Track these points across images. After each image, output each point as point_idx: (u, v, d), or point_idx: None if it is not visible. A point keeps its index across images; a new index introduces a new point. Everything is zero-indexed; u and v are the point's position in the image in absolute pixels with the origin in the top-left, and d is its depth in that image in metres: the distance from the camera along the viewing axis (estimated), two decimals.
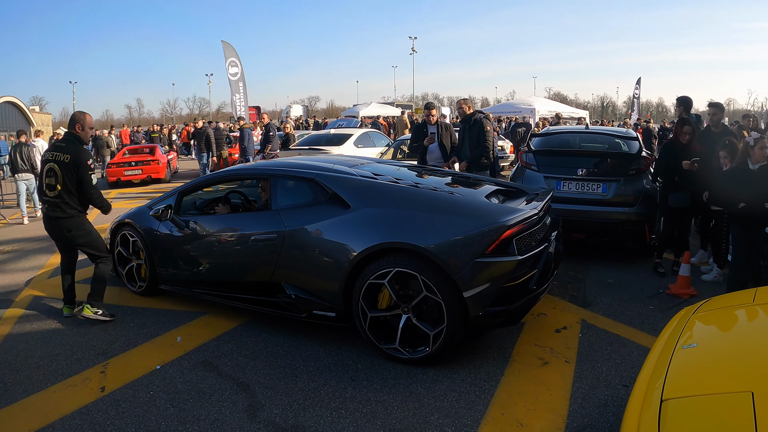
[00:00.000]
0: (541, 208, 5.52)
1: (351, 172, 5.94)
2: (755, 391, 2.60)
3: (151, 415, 4.43)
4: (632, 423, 2.78)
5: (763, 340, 3.39)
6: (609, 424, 4.24)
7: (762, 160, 6.19)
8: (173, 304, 6.87)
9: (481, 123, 9.20)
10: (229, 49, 18.83)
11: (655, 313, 6.52)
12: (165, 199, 6.96)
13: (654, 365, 3.30)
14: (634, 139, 9.60)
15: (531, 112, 32.51)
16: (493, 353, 5.42)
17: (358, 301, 5.21)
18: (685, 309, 4.14)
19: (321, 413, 4.41)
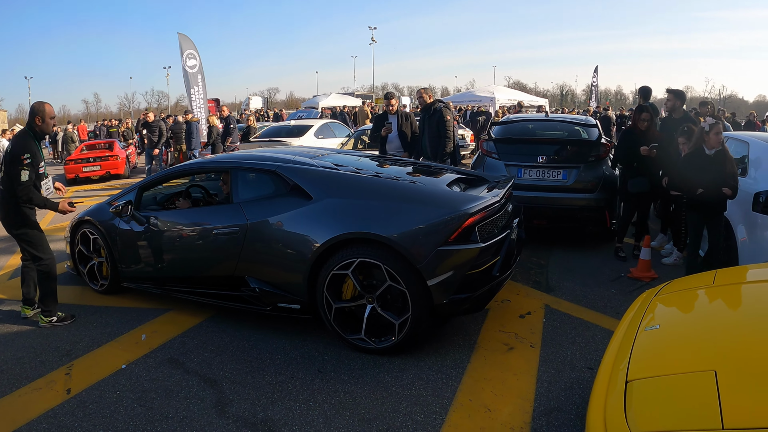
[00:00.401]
0: (503, 196, 5.54)
1: (312, 163, 5.91)
2: (718, 369, 2.64)
3: (119, 415, 4.36)
4: (598, 405, 2.81)
5: (723, 320, 3.46)
6: (576, 406, 4.29)
7: (717, 145, 6.28)
8: (137, 302, 6.77)
9: (441, 112, 9.21)
10: (186, 42, 18.58)
11: (618, 296, 6.61)
12: (125, 195, 6.84)
13: (618, 347, 3.35)
14: (594, 126, 9.71)
15: (491, 101, 32.63)
16: (459, 340, 5.45)
17: (322, 292, 5.19)
18: (646, 292, 4.20)
19: (289, 406, 4.39)
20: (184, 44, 18.55)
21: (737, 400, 2.44)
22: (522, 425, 4.08)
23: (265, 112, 41.78)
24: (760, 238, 6.46)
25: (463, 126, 22.44)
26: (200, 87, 18.98)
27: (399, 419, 4.18)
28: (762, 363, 2.73)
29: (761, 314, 3.44)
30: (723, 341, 3.08)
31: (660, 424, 2.46)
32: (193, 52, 18.67)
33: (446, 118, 9.16)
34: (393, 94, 10.33)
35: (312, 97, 55.89)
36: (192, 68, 18.67)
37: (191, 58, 18.64)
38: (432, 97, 9.76)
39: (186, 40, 18.61)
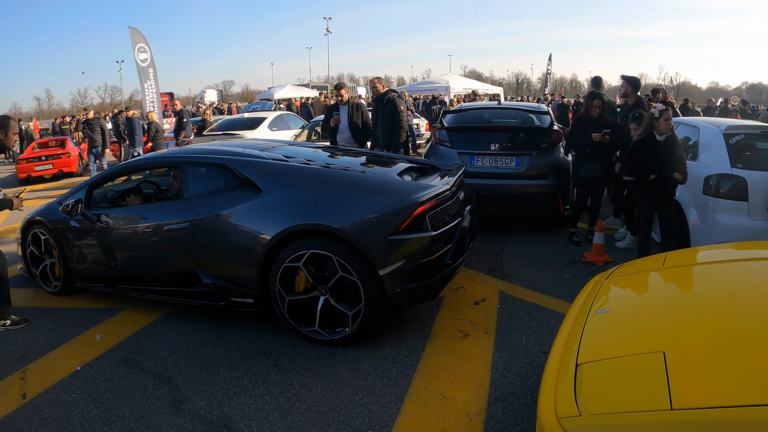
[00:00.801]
0: (453, 184, 5.56)
1: (262, 155, 5.86)
2: (666, 350, 2.68)
3: (75, 418, 4.29)
4: (549, 388, 2.83)
5: (672, 302, 3.51)
6: (530, 391, 4.32)
7: (667, 131, 6.37)
8: (91, 302, 6.65)
9: (394, 102, 9.21)
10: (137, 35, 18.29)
11: (572, 280, 6.69)
12: (75, 193, 6.68)
13: (569, 331, 3.37)
14: (546, 113, 9.76)
15: (446, 90, 32.71)
16: (414, 329, 5.47)
17: (274, 285, 5.16)
18: (598, 275, 4.25)
19: (245, 401, 4.36)
20: (135, 38, 18.28)
21: (685, 380, 2.47)
22: (478, 411, 4.11)
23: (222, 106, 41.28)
24: (711, 221, 6.62)
25: (418, 115, 22.48)
26: (152, 81, 18.73)
27: (355, 410, 4.18)
28: (710, 343, 2.78)
29: (710, 295, 3.51)
30: (672, 323, 3.11)
31: (610, 406, 2.48)
32: (144, 45, 18.40)
33: (399, 108, 9.17)
34: (343, 84, 10.30)
35: (267, 89, 55.53)
36: (143, 62, 18.42)
37: (142, 52, 18.38)
38: (385, 86, 9.75)
39: (136, 33, 18.34)
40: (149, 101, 18.63)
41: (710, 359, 2.62)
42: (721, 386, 2.40)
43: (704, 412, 2.26)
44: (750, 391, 2.33)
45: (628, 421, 2.37)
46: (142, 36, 18.44)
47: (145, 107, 18.61)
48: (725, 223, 6.50)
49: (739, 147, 6.89)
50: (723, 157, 6.77)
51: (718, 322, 3.00)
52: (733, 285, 3.57)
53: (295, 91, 46.06)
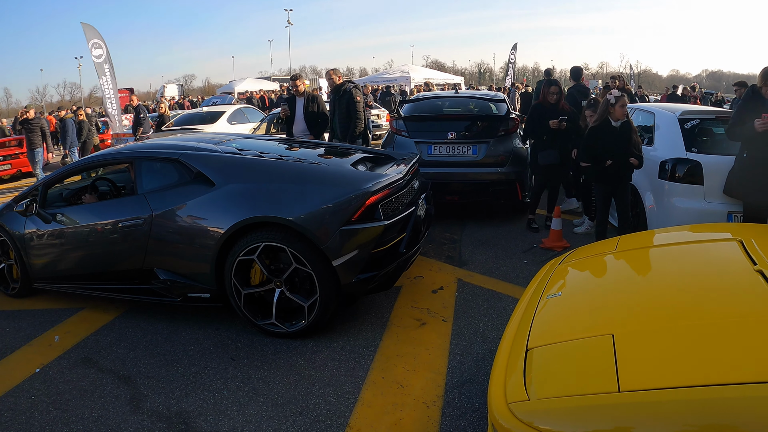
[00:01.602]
0: (407, 173, 5.59)
1: (215, 149, 5.83)
2: (615, 333, 2.71)
3: (35, 420, 4.24)
4: (500, 373, 2.84)
5: (623, 285, 3.54)
6: (488, 377, 4.25)
7: (622, 117, 6.46)
8: (49, 303, 6.57)
9: (350, 93, 9.20)
10: (91, 31, 17.98)
11: (530, 266, 6.76)
12: (29, 193, 6.62)
13: (521, 317, 3.39)
14: (502, 101, 9.81)
15: (406, 80, 32.76)
16: (371, 319, 5.50)
17: (230, 279, 5.15)
18: (551, 261, 4.31)
19: (203, 396, 4.36)
20: (89, 33, 17.97)
21: (633, 362, 2.50)
22: (435, 399, 4.15)
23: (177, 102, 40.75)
24: (667, 204, 6.75)
25: (378, 106, 22.46)
26: (108, 76, 18.45)
27: (312, 401, 4.19)
28: (658, 325, 2.80)
29: (660, 277, 3.56)
30: (622, 305, 3.15)
31: (558, 390, 2.50)
32: (99, 41, 18.11)
33: (356, 99, 9.15)
34: (299, 75, 10.24)
35: (228, 82, 55.13)
36: (98, 58, 18.13)
37: (97, 48, 18.08)
38: (341, 78, 9.72)
39: (90, 29, 18.03)
40: (107, 98, 18.36)
41: (659, 341, 2.64)
42: (669, 367, 2.42)
43: (651, 393, 2.27)
44: (696, 372, 2.35)
45: (576, 404, 2.38)
46: (96, 32, 18.14)
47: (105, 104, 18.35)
48: (681, 207, 6.62)
49: (694, 132, 7.02)
50: (678, 141, 6.89)
51: (668, 305, 3.03)
52: (684, 267, 3.61)
53: (256, 83, 45.79)
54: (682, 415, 2.21)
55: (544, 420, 2.42)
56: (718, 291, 3.11)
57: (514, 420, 2.46)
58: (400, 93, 24.93)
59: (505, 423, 2.50)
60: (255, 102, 26.90)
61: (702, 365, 2.40)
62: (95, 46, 18.06)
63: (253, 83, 45.81)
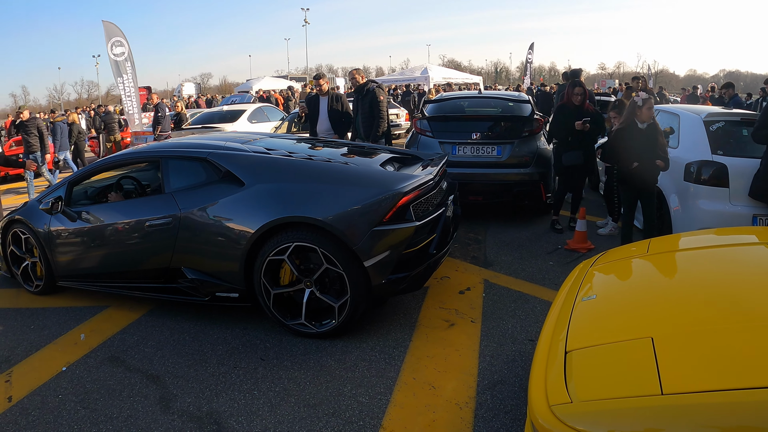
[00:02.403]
0: (436, 173, 5.56)
1: (243, 148, 5.83)
2: (654, 336, 2.70)
3: (63, 419, 4.23)
4: (539, 376, 2.83)
5: (658, 288, 3.54)
6: (518, 378, 4.35)
7: (649, 119, 6.44)
8: (73, 301, 6.58)
9: (374, 93, 9.19)
10: (112, 29, 18.02)
11: (555, 268, 6.73)
12: (54, 191, 6.61)
13: (556, 319, 3.38)
14: (526, 102, 9.78)
15: (425, 80, 32.74)
16: (400, 319, 5.48)
17: (259, 279, 5.14)
18: (583, 263, 4.27)
19: (234, 397, 4.34)
20: (110, 32, 18.01)
21: (674, 365, 2.49)
22: (467, 400, 4.12)
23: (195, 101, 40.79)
24: (692, 207, 6.71)
25: (397, 105, 22.45)
26: (130, 75, 18.49)
27: (344, 402, 4.18)
28: (696, 328, 2.80)
29: (694, 281, 3.53)
30: (658, 309, 3.13)
31: (600, 392, 2.50)
32: (121, 39, 18.15)
33: (379, 99, 9.14)
34: (322, 74, 10.26)
35: (245, 81, 55.23)
36: (119, 56, 18.16)
37: (118, 46, 18.12)
38: (364, 77, 9.71)
39: (111, 27, 18.07)
40: (126, 96, 18.41)
41: (697, 344, 2.64)
42: (710, 370, 2.42)
43: (694, 396, 2.28)
44: (739, 375, 2.35)
45: (619, 406, 2.38)
46: (118, 29, 18.18)
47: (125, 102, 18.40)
48: (706, 209, 6.58)
49: (719, 134, 6.99)
50: (703, 144, 6.85)
51: (703, 308, 3.02)
52: (717, 271, 3.60)
53: (273, 82, 45.84)
54: (726, 417, 2.22)
55: (588, 422, 2.41)
56: (753, 294, 3.09)
57: (557, 422, 2.46)
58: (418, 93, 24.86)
59: (548, 425, 2.49)
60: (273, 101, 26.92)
61: (744, 368, 2.40)
62: (116, 44, 18.09)
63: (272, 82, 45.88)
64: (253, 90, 38.46)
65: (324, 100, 9.68)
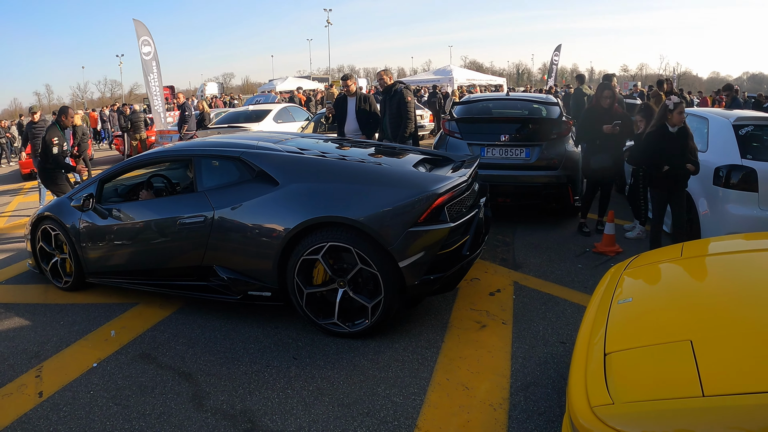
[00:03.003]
0: (470, 175, 5.57)
1: (276, 148, 5.85)
2: (693, 339, 2.72)
3: (95, 415, 4.27)
4: (579, 378, 2.86)
5: (694, 292, 3.56)
6: (551, 380, 4.35)
7: (680, 123, 6.41)
8: (102, 297, 6.63)
9: (401, 93, 9.19)
10: (141, 28, 18.19)
11: (584, 271, 6.71)
12: (85, 188, 6.67)
13: (592, 321, 3.40)
14: (555, 104, 9.76)
15: (449, 81, 32.71)
16: (431, 320, 5.48)
17: (293, 278, 5.16)
18: (615, 266, 4.28)
19: (268, 395, 4.36)
20: (139, 30, 18.20)
21: (715, 368, 2.52)
22: (501, 401, 4.13)
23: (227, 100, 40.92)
24: (721, 211, 6.68)
25: (422, 106, 22.45)
26: (155, 74, 18.66)
27: (379, 402, 4.19)
28: (734, 331, 2.83)
29: (730, 284, 3.54)
30: (696, 312, 3.16)
31: (642, 394, 2.52)
32: (148, 38, 18.34)
33: (407, 100, 9.14)
34: (350, 75, 10.26)
35: (268, 81, 55.45)
36: (147, 55, 18.35)
37: (146, 45, 18.30)
38: (392, 78, 9.72)
39: (141, 26, 18.26)
40: (154, 95, 18.56)
41: (737, 346, 2.67)
42: (751, 372, 2.45)
43: (736, 398, 2.30)
44: None
45: (661, 408, 2.41)
46: (146, 29, 18.37)
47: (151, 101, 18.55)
48: (735, 214, 6.56)
49: (748, 138, 6.95)
50: (733, 148, 6.82)
51: (740, 311, 3.05)
52: (753, 275, 3.61)
53: (297, 82, 45.95)
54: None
55: (630, 423, 2.45)
56: None
57: (599, 423, 2.49)
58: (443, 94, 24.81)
59: (590, 426, 2.53)
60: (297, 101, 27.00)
61: None
62: (144, 43, 18.26)
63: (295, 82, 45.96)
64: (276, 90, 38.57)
65: (352, 100, 9.69)
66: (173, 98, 31.03)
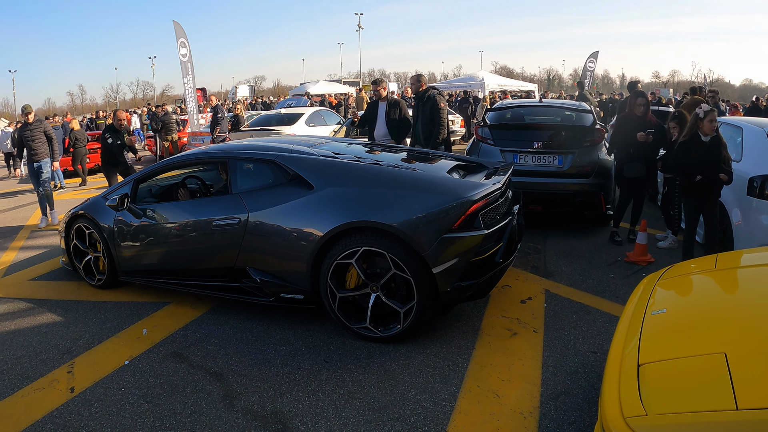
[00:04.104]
0: (504, 182, 5.57)
1: (311, 152, 5.89)
2: (727, 351, 2.72)
3: (126, 412, 4.32)
4: (612, 389, 2.85)
5: (728, 304, 3.54)
6: (582, 390, 4.33)
7: (711, 132, 6.36)
8: (135, 296, 6.72)
9: (434, 99, 9.20)
10: (180, 30, 18.40)
11: (616, 280, 6.66)
12: (120, 188, 6.78)
13: (626, 332, 3.40)
14: (588, 112, 9.71)
15: (480, 87, 32.61)
16: (462, 326, 5.48)
17: (326, 281, 5.19)
18: (648, 276, 4.26)
19: (298, 397, 4.39)
20: (178, 32, 18.45)
21: (748, 381, 2.51)
22: (531, 410, 4.12)
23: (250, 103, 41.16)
24: (755, 222, 6.59)
25: (453, 112, 22.45)
26: (191, 77, 18.87)
27: (409, 407, 4.20)
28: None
29: (764, 297, 3.51)
30: (730, 324, 3.15)
31: (676, 406, 2.52)
32: (185, 40, 18.58)
33: (440, 105, 9.16)
34: (381, 80, 10.30)
35: (299, 84, 55.67)
36: (184, 57, 18.57)
37: (183, 47, 18.54)
38: (425, 84, 9.74)
39: (179, 28, 18.51)
40: (189, 96, 18.77)
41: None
42: None
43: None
44: None
45: (695, 420, 2.41)
46: (183, 31, 18.60)
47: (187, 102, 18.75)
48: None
49: None
50: (767, 158, 6.71)
51: None
52: None
53: (328, 86, 46.10)
54: None
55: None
56: None
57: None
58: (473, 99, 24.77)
59: None
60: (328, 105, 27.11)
61: None
62: (182, 45, 18.48)
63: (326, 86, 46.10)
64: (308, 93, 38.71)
65: (383, 105, 9.73)
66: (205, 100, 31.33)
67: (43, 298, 6.87)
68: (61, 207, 11.75)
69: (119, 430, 4.13)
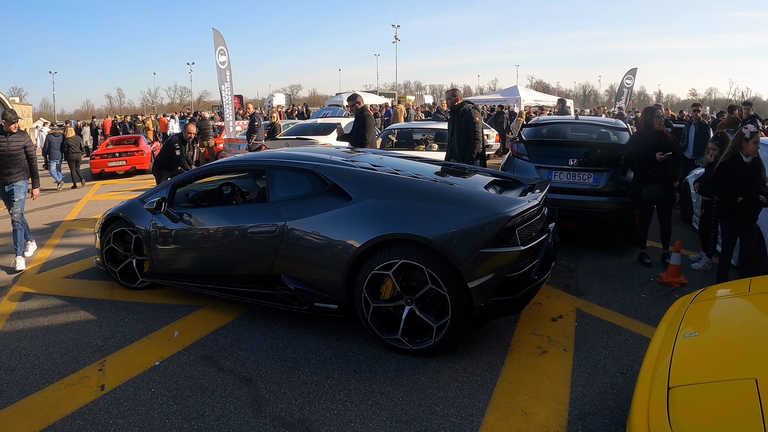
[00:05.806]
0: (541, 199, 5.57)
1: (350, 163, 5.95)
2: (759, 378, 2.70)
3: (154, 412, 4.39)
4: (641, 411, 2.85)
5: (761, 329, 3.50)
6: (610, 411, 4.30)
7: (754, 153, 6.30)
8: (167, 298, 6.81)
9: (470, 114, 9.23)
10: (219, 37, 18.65)
11: (648, 301, 6.60)
12: (158, 192, 6.87)
13: (657, 354, 3.39)
14: (624, 129, 9.66)
15: (516, 101, 32.57)
16: (492, 342, 5.47)
17: (361, 291, 5.21)
18: (682, 298, 4.23)
19: (326, 406, 4.42)
20: (217, 40, 18.68)
21: None
22: (558, 429, 4.10)
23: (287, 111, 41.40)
24: None
25: (488, 126, 22.41)
26: (229, 84, 19.07)
27: (436, 421, 4.20)
28: None
29: None
30: (761, 350, 3.12)
31: (704, 430, 2.52)
32: (224, 48, 18.82)
33: (475, 120, 9.18)
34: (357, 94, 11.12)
35: (335, 94, 55.92)
36: (222, 64, 18.78)
37: (222, 54, 18.77)
38: (461, 98, 9.76)
39: (218, 35, 18.75)
40: (226, 103, 18.97)
41: None
42: None
43: None
44: None
45: None
46: (222, 38, 18.83)
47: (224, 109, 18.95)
48: None
49: None
50: None
51: None
52: None
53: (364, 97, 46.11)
54: None
55: None
56: None
57: None
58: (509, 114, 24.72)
59: None
60: None
61: None
62: (221, 53, 18.71)
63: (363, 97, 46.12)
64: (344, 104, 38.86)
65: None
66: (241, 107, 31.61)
67: (77, 296, 7.00)
68: (97, 208, 11.91)
69: (147, 429, 4.20)
